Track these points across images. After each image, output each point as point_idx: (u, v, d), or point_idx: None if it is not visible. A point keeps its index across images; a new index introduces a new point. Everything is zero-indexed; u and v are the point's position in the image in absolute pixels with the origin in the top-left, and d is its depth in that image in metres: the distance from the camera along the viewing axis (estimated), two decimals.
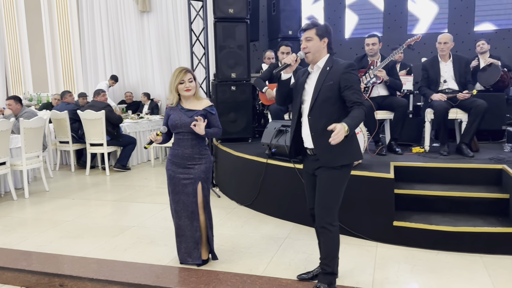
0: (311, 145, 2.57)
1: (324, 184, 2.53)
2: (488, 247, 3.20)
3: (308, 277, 2.86)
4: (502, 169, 3.60)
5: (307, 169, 2.71)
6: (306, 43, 2.52)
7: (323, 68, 2.54)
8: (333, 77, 2.48)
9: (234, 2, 5.27)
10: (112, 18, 9.07)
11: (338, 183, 2.54)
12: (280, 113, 4.80)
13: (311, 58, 2.54)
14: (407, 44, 4.45)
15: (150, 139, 2.98)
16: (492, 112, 4.57)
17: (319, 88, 2.50)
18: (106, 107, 6.35)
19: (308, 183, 2.73)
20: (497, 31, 6.96)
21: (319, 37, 2.52)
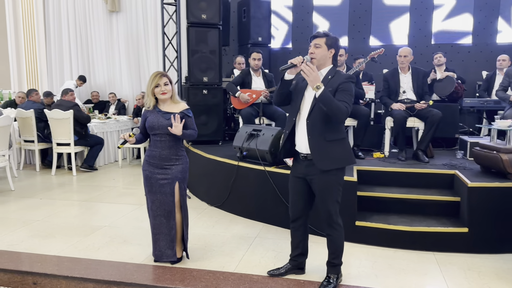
0: (306, 149, 2.71)
1: (324, 188, 2.70)
2: (440, 245, 3.50)
3: (277, 273, 3.04)
4: (455, 174, 3.93)
5: (297, 173, 2.84)
6: (315, 49, 2.67)
7: (325, 76, 2.70)
8: (333, 85, 2.64)
9: (207, 8, 5.41)
10: (79, 16, 8.96)
11: (336, 186, 2.72)
12: (251, 117, 4.98)
13: (316, 64, 2.67)
14: (370, 57, 4.75)
15: (124, 139, 3.07)
16: (446, 121, 4.93)
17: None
18: (74, 106, 6.31)
19: (295, 187, 2.86)
20: (453, 45, 7.45)
21: (328, 46, 2.67)
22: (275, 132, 4.20)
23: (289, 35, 8.11)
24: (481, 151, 3.89)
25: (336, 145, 2.69)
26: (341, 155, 2.71)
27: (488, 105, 5.61)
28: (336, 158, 2.68)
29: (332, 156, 2.66)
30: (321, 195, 2.74)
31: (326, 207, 2.74)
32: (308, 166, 2.74)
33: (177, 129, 2.96)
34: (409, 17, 7.56)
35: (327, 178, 2.69)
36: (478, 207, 3.47)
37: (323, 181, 2.70)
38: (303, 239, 3.00)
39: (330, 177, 2.70)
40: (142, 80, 8.83)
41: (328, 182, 2.70)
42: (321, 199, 2.75)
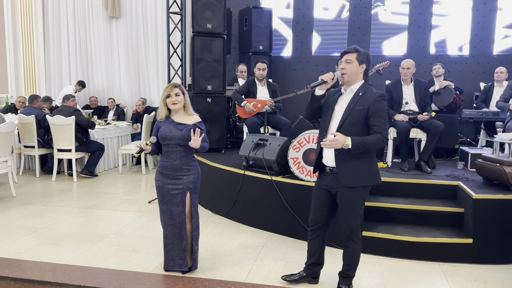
0: (332, 163, 2.75)
1: (348, 203, 2.74)
2: (445, 256, 3.57)
3: (291, 279, 3.09)
4: (458, 185, 4.01)
5: (322, 185, 2.87)
6: (346, 65, 2.70)
7: (356, 92, 2.72)
8: (364, 103, 2.66)
9: (212, 18, 5.47)
10: (79, 21, 8.95)
11: (360, 201, 2.76)
12: (257, 126, 5.03)
13: (347, 80, 2.72)
14: (376, 69, 4.83)
15: (140, 147, 3.10)
16: (446, 132, 5.01)
17: (350, 110, 2.68)
18: (75, 111, 6.30)
19: (319, 198, 2.89)
20: (450, 56, 7.58)
21: (359, 62, 2.71)
22: (281, 142, 4.25)
23: (290, 44, 8.19)
24: (484, 163, 3.98)
25: (362, 162, 2.71)
26: (367, 173, 2.73)
27: (487, 117, 5.72)
28: (361, 175, 2.71)
29: (357, 173, 2.69)
30: (345, 209, 2.77)
31: (348, 221, 2.78)
32: (333, 180, 2.78)
33: (196, 142, 2.99)
34: (408, 28, 7.69)
35: (351, 193, 2.73)
36: (482, 218, 3.54)
37: (347, 195, 2.74)
38: (320, 248, 3.03)
39: (354, 193, 2.73)
40: (141, 86, 8.84)
41: (352, 197, 2.74)
42: (344, 213, 2.78)
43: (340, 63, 2.76)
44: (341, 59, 2.76)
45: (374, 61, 4.91)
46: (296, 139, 4.06)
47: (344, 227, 2.82)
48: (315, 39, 8.06)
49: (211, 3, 5.45)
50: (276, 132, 5.27)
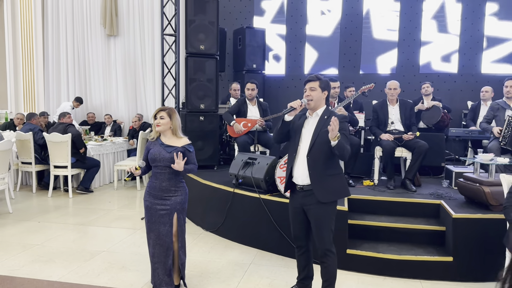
0: (302, 182, 2.94)
1: (320, 217, 2.91)
2: (427, 273, 3.67)
3: None
4: (440, 204, 4.13)
5: (295, 204, 3.04)
6: (311, 92, 2.93)
7: (321, 116, 2.96)
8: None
9: (205, 39, 5.65)
10: (78, 39, 9.17)
11: (331, 216, 2.95)
12: (247, 145, 5.17)
13: (313, 106, 2.95)
14: (361, 91, 4.99)
15: (130, 172, 3.23)
16: (433, 150, 5.15)
17: (318, 132, 2.90)
18: (68, 126, 6.42)
19: (295, 216, 3.07)
20: (439, 75, 7.76)
21: (322, 89, 2.95)
22: (270, 161, 4.38)
23: (283, 63, 8.38)
24: (465, 183, 4.11)
25: (335, 178, 2.95)
26: (339, 188, 2.97)
27: (472, 135, 5.87)
28: (335, 191, 2.93)
29: (331, 189, 2.91)
30: (317, 224, 2.93)
31: (321, 235, 2.92)
32: (304, 197, 2.96)
33: (179, 165, 3.11)
34: (397, 47, 7.88)
35: (324, 208, 2.91)
36: (462, 237, 3.66)
37: (320, 211, 2.91)
38: (308, 263, 3.18)
39: (326, 208, 2.91)
40: (138, 102, 9.01)
41: (324, 211, 2.91)
42: (317, 228, 2.94)
43: (305, 91, 2.96)
44: (305, 87, 2.97)
45: (366, 80, 5.09)
46: (283, 159, 4.19)
47: (318, 242, 2.96)
48: (307, 58, 8.24)
49: (204, 25, 5.63)
50: (266, 151, 5.41)
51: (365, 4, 7.96)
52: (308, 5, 8.15)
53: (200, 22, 5.63)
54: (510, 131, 4.65)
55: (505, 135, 4.74)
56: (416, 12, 7.76)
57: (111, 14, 8.76)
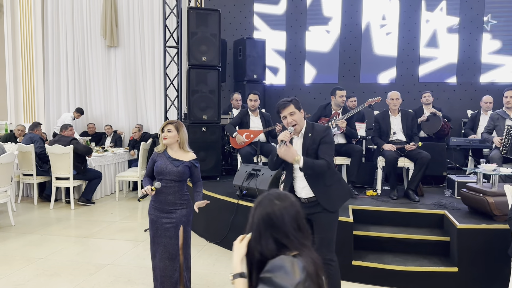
0: (306, 195, 3.00)
1: (324, 226, 2.96)
2: (432, 284, 3.69)
3: None
4: (444, 214, 4.15)
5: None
6: (292, 117, 2.92)
7: (305, 134, 2.99)
8: (316, 140, 2.95)
9: (207, 51, 5.69)
10: (78, 50, 9.20)
11: (334, 224, 3.01)
12: (250, 156, 5.18)
13: (299, 129, 2.99)
14: (368, 104, 5.04)
15: (145, 193, 3.18)
16: (434, 160, 5.17)
17: (306, 151, 2.95)
18: (73, 140, 6.44)
19: None
20: (439, 84, 7.82)
21: (298, 109, 2.96)
22: (274, 173, 4.40)
23: (283, 73, 8.43)
24: (468, 193, 4.13)
25: (335, 186, 3.02)
26: (342, 194, 3.07)
27: (473, 144, 5.90)
28: (339, 198, 3.03)
29: (335, 197, 3.00)
30: (323, 232, 2.95)
31: (326, 242, 2.94)
32: (310, 207, 2.98)
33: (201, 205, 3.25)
34: (397, 57, 7.94)
35: (329, 217, 2.97)
36: (467, 247, 3.68)
37: (326, 218, 2.97)
38: None
39: (331, 216, 2.98)
40: (138, 113, 9.03)
41: (330, 219, 2.98)
42: (322, 237, 2.94)
43: (284, 119, 2.94)
44: (282, 114, 2.94)
45: (365, 89, 5.13)
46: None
47: (321, 251, 2.92)
48: (308, 68, 8.30)
49: (206, 37, 5.68)
50: None
51: (364, 15, 8.02)
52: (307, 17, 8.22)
53: (202, 34, 5.68)
54: (510, 140, 4.69)
55: (505, 144, 4.78)
56: (414, 22, 7.84)
57: (111, 25, 8.80)
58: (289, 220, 1.63)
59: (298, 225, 1.64)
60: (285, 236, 1.60)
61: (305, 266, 1.55)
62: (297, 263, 1.54)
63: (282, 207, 1.64)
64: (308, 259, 1.59)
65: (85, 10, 9.12)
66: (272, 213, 1.63)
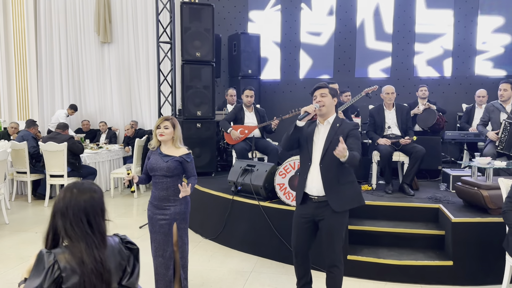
0: (317, 192, 2.87)
1: (332, 228, 2.85)
2: (427, 278, 3.69)
3: None
4: (439, 208, 4.15)
5: (304, 213, 2.96)
6: (322, 98, 2.88)
7: (333, 123, 2.91)
8: (343, 132, 2.85)
9: (201, 46, 5.65)
10: (71, 46, 9.13)
11: (343, 226, 2.90)
12: (245, 152, 5.16)
13: (325, 112, 2.90)
14: (365, 92, 5.01)
15: (129, 181, 3.21)
16: (429, 154, 5.17)
17: (330, 140, 2.84)
18: (69, 139, 6.41)
19: (301, 226, 2.98)
20: (433, 78, 7.82)
21: (332, 96, 2.92)
22: (269, 168, 4.39)
23: (278, 68, 8.39)
24: (463, 187, 4.14)
25: (348, 187, 2.89)
26: (353, 196, 2.92)
27: (468, 138, 5.91)
28: (349, 199, 2.88)
29: (345, 198, 2.86)
30: (330, 235, 2.87)
31: (334, 247, 2.88)
32: (318, 208, 2.89)
33: (185, 192, 3.07)
34: (391, 51, 7.93)
35: (337, 219, 2.86)
36: (461, 241, 3.68)
37: (334, 221, 2.85)
38: (307, 270, 3.14)
39: (339, 218, 2.87)
40: (133, 109, 8.99)
41: (338, 222, 2.87)
42: (330, 239, 2.87)
43: (315, 98, 2.92)
44: (315, 94, 2.93)
45: (360, 84, 5.11)
46: (282, 166, 4.20)
47: (329, 253, 2.90)
48: (303, 62, 8.27)
49: (200, 32, 5.64)
50: (264, 157, 5.41)
51: (358, 9, 7.99)
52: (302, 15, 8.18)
53: (196, 29, 5.64)
54: (507, 136, 4.68)
55: (501, 139, 4.77)
56: (409, 16, 7.82)
57: (105, 21, 8.74)
58: (76, 211, 1.64)
59: (88, 220, 1.66)
60: (67, 225, 1.62)
61: (67, 260, 1.58)
62: (51, 257, 1.57)
63: (75, 197, 1.66)
64: (79, 254, 1.60)
65: (78, 6, 9.05)
66: (61, 199, 1.65)
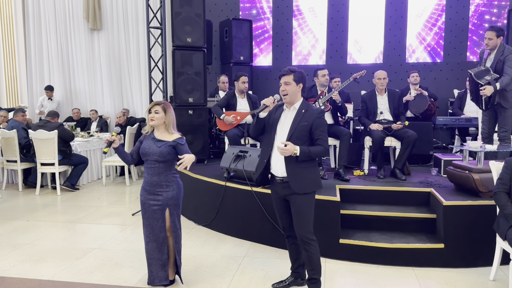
0: (281, 173, 2.95)
1: (299, 207, 2.93)
2: (419, 261, 3.72)
3: (281, 285, 3.27)
4: (430, 192, 4.18)
5: (277, 194, 3.07)
6: (285, 87, 2.91)
7: (299, 109, 2.95)
8: (308, 119, 2.90)
9: (192, 32, 5.58)
10: (61, 33, 8.99)
11: (310, 205, 2.96)
12: (237, 138, 5.14)
13: (288, 100, 2.94)
14: (353, 78, 4.99)
15: (108, 141, 3.19)
16: (420, 139, 5.20)
17: (295, 126, 2.90)
18: (60, 126, 6.34)
19: (280, 206, 3.10)
20: (425, 64, 7.82)
21: (296, 82, 2.93)
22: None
23: (270, 54, 8.35)
24: (454, 171, 4.16)
25: (310, 170, 2.95)
26: (314, 179, 2.97)
27: (460, 123, 5.94)
28: (310, 182, 2.94)
29: (307, 180, 2.93)
30: (297, 213, 2.96)
31: (303, 226, 2.94)
32: (284, 188, 2.98)
33: (182, 166, 3.03)
34: (384, 37, 7.91)
35: (303, 199, 2.93)
36: (453, 224, 3.71)
37: (300, 202, 2.93)
38: (300, 252, 3.20)
39: (305, 198, 2.94)
40: (124, 97, 8.90)
41: (303, 202, 2.94)
42: (297, 217, 2.96)
43: (280, 85, 2.95)
44: (280, 82, 2.96)
45: (353, 71, 5.09)
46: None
47: (298, 228, 2.97)
48: (296, 49, 8.22)
49: (190, 17, 5.57)
50: (256, 143, 5.39)
51: None
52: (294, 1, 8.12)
53: (187, 14, 5.56)
54: (473, 86, 4.60)
55: (471, 90, 4.74)
56: (401, 1, 7.79)
57: (94, 8, 8.61)
58: None
59: None
60: None
61: None
62: None
63: None
64: None
65: None
66: None
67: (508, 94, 4.32)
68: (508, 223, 3.08)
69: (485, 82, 4.32)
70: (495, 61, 4.41)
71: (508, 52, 4.29)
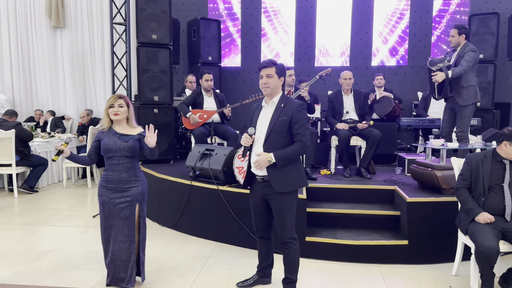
0: (262, 172, 2.85)
1: (280, 207, 2.85)
2: (383, 257, 3.74)
3: (246, 284, 3.21)
4: (394, 190, 4.22)
5: (257, 194, 2.98)
6: (267, 79, 2.81)
7: (277, 104, 2.86)
8: (287, 113, 2.81)
9: (157, 29, 5.47)
10: (21, 31, 8.62)
11: (291, 205, 2.88)
12: (203, 137, 5.05)
13: (269, 93, 2.85)
14: (319, 75, 5.01)
15: (58, 150, 3.04)
16: (385, 139, 5.28)
17: (275, 121, 2.81)
18: (17, 125, 6.07)
19: (257, 206, 3.00)
20: (390, 68, 7.98)
21: (278, 75, 2.84)
22: (227, 152, 4.31)
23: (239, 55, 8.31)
24: (417, 168, 4.22)
25: (291, 168, 2.84)
26: (296, 178, 2.88)
27: (423, 124, 6.06)
28: (292, 180, 2.85)
29: (288, 179, 2.83)
30: (279, 213, 2.88)
31: (284, 225, 2.87)
32: (265, 187, 2.89)
33: (152, 138, 2.92)
34: (350, 40, 8.01)
35: (284, 198, 2.85)
36: (416, 220, 3.75)
37: (281, 201, 2.85)
38: (269, 252, 3.17)
39: (287, 197, 2.85)
40: (87, 97, 8.63)
41: (285, 201, 2.86)
42: (279, 217, 2.89)
43: (261, 78, 2.85)
44: (261, 74, 2.86)
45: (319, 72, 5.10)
46: (240, 149, 4.12)
47: (279, 229, 2.91)
48: (264, 51, 8.22)
49: (156, 14, 5.45)
50: (223, 142, 5.32)
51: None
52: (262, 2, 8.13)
53: (152, 10, 5.44)
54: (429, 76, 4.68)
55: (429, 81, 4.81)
56: (367, 5, 7.92)
57: (57, 5, 8.30)
58: None
59: None
60: None
61: None
62: None
63: None
64: None
65: None
66: None
67: (464, 91, 4.40)
68: (469, 218, 3.13)
69: (437, 68, 4.42)
70: (457, 57, 4.52)
71: (469, 49, 4.40)
